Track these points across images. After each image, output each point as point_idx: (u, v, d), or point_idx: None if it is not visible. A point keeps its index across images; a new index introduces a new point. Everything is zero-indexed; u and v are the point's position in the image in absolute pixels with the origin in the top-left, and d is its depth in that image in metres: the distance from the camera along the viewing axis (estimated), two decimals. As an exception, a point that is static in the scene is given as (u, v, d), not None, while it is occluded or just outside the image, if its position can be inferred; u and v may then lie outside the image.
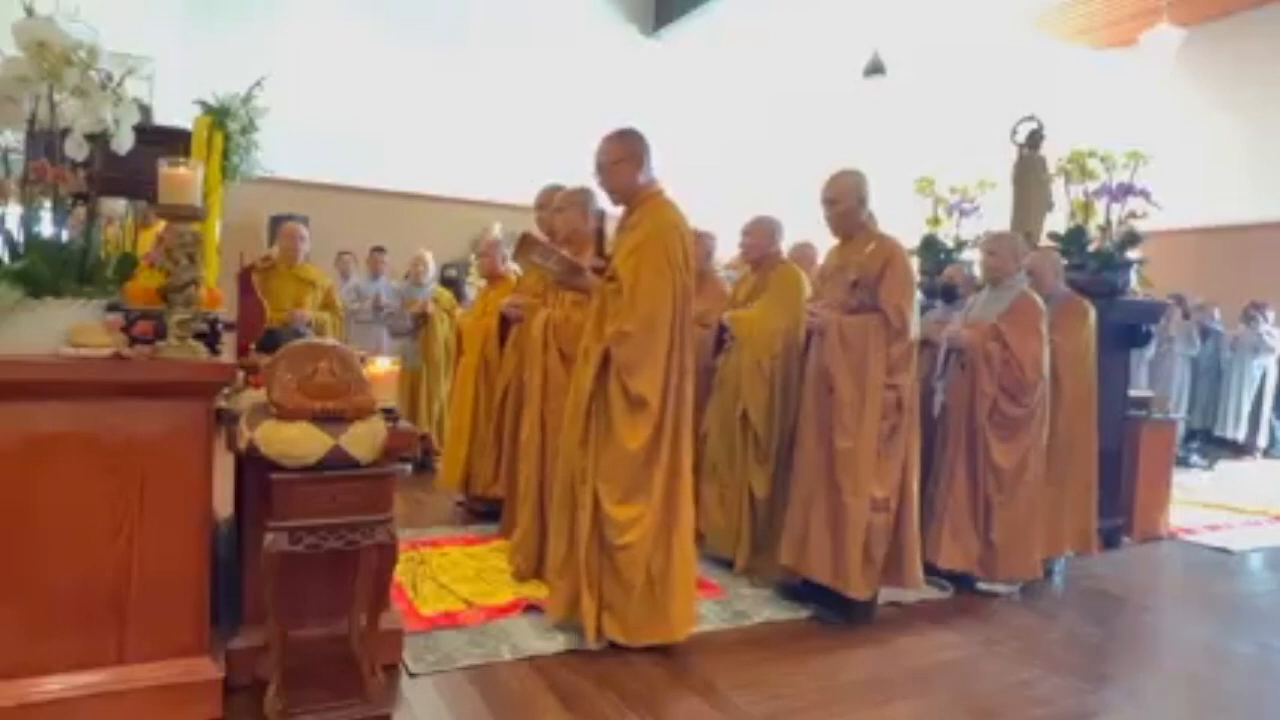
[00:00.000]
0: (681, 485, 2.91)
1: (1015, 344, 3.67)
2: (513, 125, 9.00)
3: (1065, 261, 4.49)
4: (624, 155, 2.98)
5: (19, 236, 2.09)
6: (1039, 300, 3.83)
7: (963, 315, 4.04)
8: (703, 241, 4.05)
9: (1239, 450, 8.99)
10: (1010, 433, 3.70)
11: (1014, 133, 4.85)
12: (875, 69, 9.35)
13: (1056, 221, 4.89)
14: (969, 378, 3.74)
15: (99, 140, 2.16)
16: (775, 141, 10.13)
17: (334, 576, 2.41)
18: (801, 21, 10.10)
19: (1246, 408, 9.06)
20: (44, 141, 2.11)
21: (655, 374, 2.82)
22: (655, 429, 2.83)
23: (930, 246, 5.42)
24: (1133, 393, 5.08)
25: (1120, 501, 4.79)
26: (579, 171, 4.16)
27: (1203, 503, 6.12)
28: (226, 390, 2.47)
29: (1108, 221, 4.75)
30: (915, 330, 3.30)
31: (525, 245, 3.10)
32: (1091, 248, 4.75)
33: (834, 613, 3.26)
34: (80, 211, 2.23)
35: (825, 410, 3.29)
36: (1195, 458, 8.09)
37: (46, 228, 2.13)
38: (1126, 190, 4.66)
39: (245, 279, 2.96)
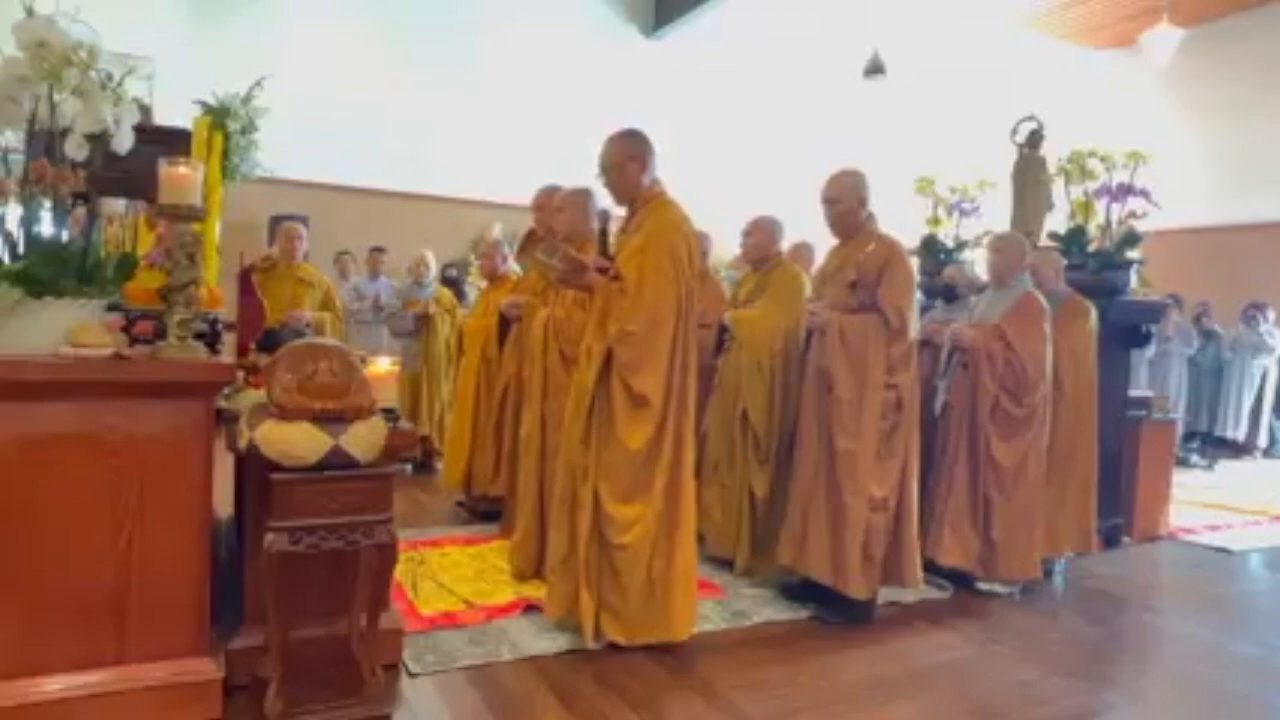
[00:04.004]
0: (683, 485, 2.91)
1: (1018, 343, 3.68)
2: (513, 125, 8.99)
3: (1065, 261, 4.49)
4: (630, 156, 2.99)
5: (19, 236, 2.09)
6: (1043, 300, 3.83)
7: (967, 315, 4.04)
8: (699, 241, 4.05)
9: (1239, 450, 9.00)
10: (1011, 432, 3.70)
11: (1014, 133, 4.85)
12: (875, 69, 9.34)
13: (1056, 221, 4.90)
14: (971, 377, 3.74)
15: (99, 140, 2.16)
16: (775, 142, 10.13)
17: (334, 576, 2.40)
18: (801, 22, 10.10)
19: (1247, 408, 9.06)
20: (44, 141, 2.11)
21: (658, 374, 2.83)
22: (657, 429, 2.83)
23: (930, 246, 5.42)
24: (1133, 393, 5.08)
25: (1120, 501, 4.79)
26: (579, 171, 4.17)
27: (1203, 503, 6.12)
28: (226, 390, 2.47)
29: (1107, 221, 4.75)
30: (915, 330, 3.31)
31: (529, 242, 3.10)
32: (1091, 248, 4.75)
33: (834, 613, 3.26)
34: (80, 211, 2.23)
35: (825, 410, 3.29)
36: (1195, 458, 8.09)
37: (46, 228, 2.13)
38: (1126, 190, 4.66)
39: (245, 279, 2.96)
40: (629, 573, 2.82)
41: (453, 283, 7.40)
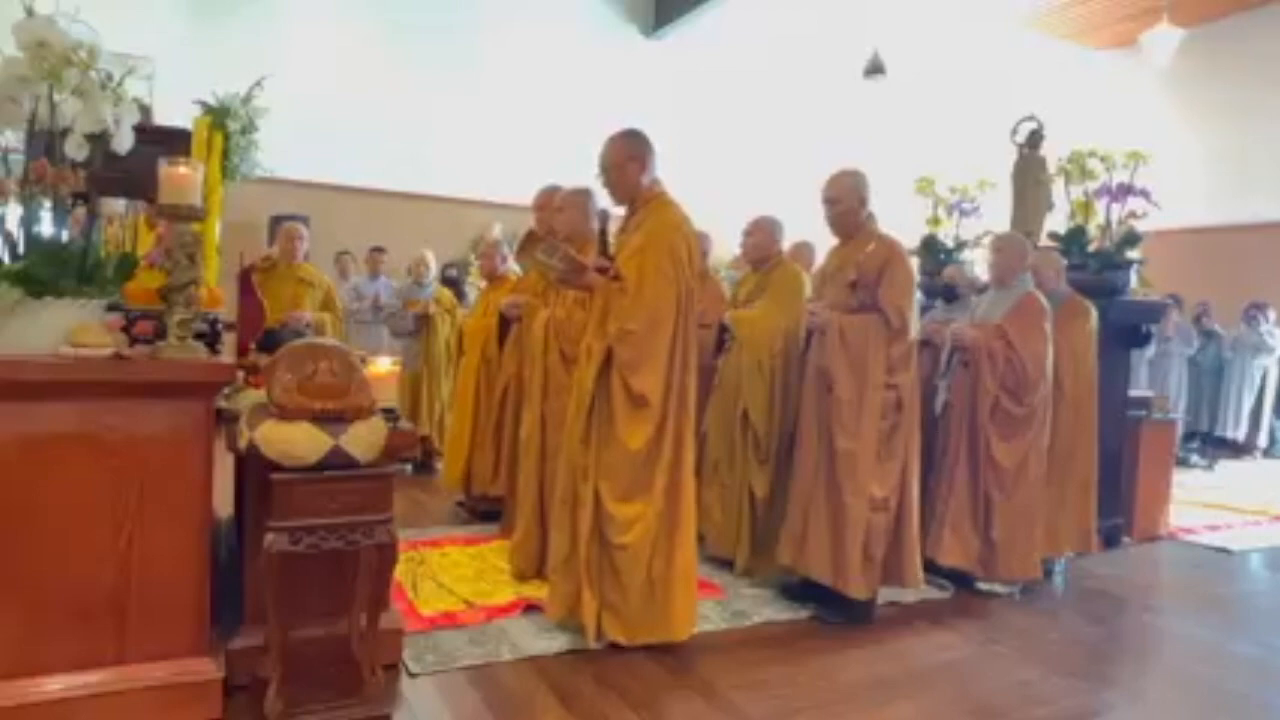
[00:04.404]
0: (683, 485, 2.91)
1: (1019, 343, 3.68)
2: (513, 125, 8.99)
3: (1065, 261, 4.49)
4: (629, 156, 2.99)
5: (19, 236, 2.09)
6: (1044, 300, 3.83)
7: (969, 315, 4.04)
8: (699, 241, 4.05)
9: (1239, 450, 9.00)
10: (1012, 431, 3.70)
11: (1014, 133, 4.85)
12: (875, 69, 9.35)
13: (1056, 221, 4.89)
14: (972, 376, 3.74)
15: (99, 140, 2.16)
16: (775, 142, 10.13)
17: (334, 576, 2.40)
18: (801, 21, 10.10)
19: (1247, 408, 9.06)
20: (44, 141, 2.11)
21: (657, 373, 2.83)
22: (657, 428, 2.84)
23: (930, 246, 5.42)
24: (1133, 393, 5.08)
25: (1120, 501, 4.79)
26: (579, 171, 4.17)
27: (1203, 503, 6.12)
28: (226, 390, 2.47)
29: (1107, 221, 4.75)
30: (915, 330, 3.31)
31: (529, 241, 3.11)
32: (1091, 248, 4.75)
33: (834, 613, 3.25)
34: (80, 211, 2.23)
35: (825, 410, 3.29)
36: (1195, 458, 8.08)
37: (46, 228, 2.13)
38: (1126, 190, 4.66)
39: (245, 279, 2.96)
40: (629, 572, 2.82)
41: (453, 283, 7.41)
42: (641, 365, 2.82)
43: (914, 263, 4.02)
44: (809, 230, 4.54)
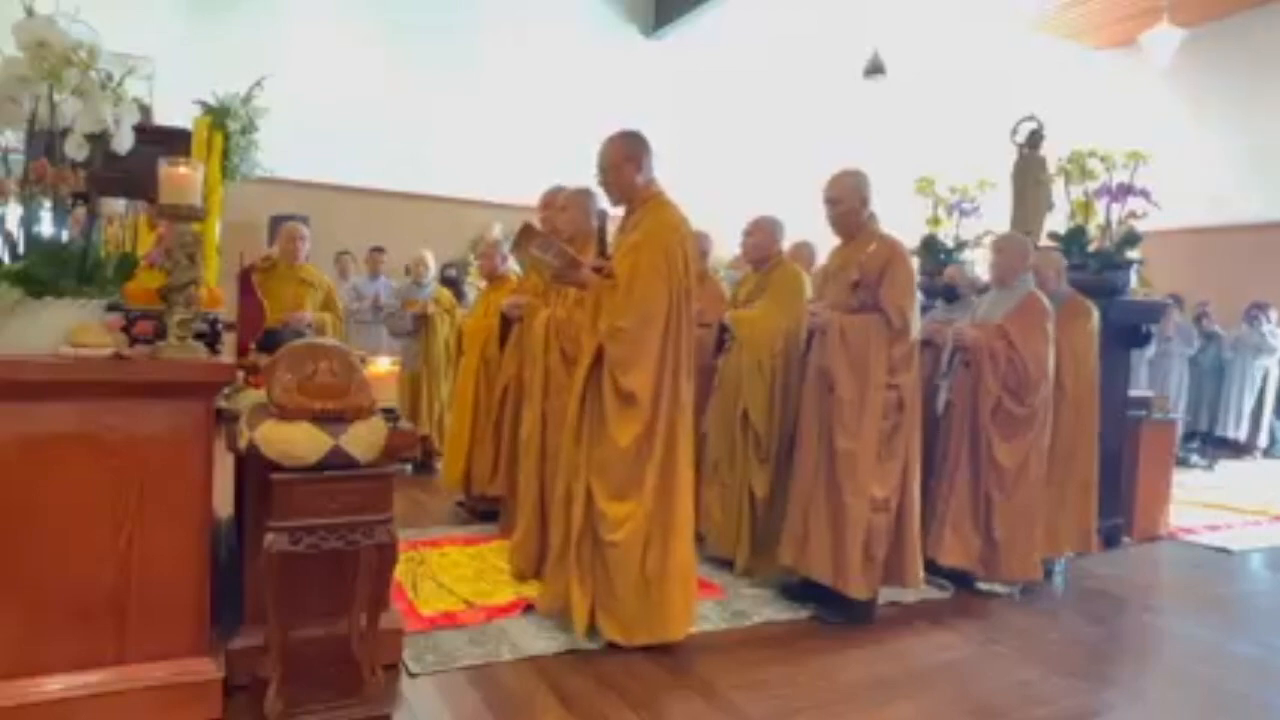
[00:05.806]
0: (677, 484, 2.91)
1: (1020, 343, 3.67)
2: (513, 125, 8.99)
3: (1065, 262, 4.49)
4: (626, 156, 2.99)
5: (19, 236, 2.09)
6: (1046, 301, 3.83)
7: (970, 315, 4.04)
8: (697, 241, 4.05)
9: (1239, 450, 8.99)
10: (1013, 432, 3.70)
11: (1014, 133, 4.85)
12: (875, 69, 9.34)
13: (1056, 221, 4.89)
14: (973, 376, 3.74)
15: (99, 140, 2.16)
16: (775, 142, 10.13)
17: (334, 576, 2.40)
18: (801, 21, 10.10)
19: (1248, 408, 9.05)
20: (44, 141, 2.11)
21: (647, 371, 2.83)
22: (646, 426, 2.83)
23: (930, 246, 5.42)
24: (1133, 393, 5.08)
25: (1120, 501, 4.79)
26: (579, 172, 4.17)
27: (1203, 503, 6.12)
28: (226, 390, 2.47)
29: (1107, 221, 4.75)
30: (916, 330, 3.31)
31: (524, 236, 3.11)
32: (1091, 248, 4.76)
33: (834, 613, 3.25)
34: (80, 211, 2.23)
35: (826, 410, 3.29)
36: (1195, 458, 8.08)
37: (46, 228, 2.13)
38: (1126, 190, 4.66)
39: (245, 279, 2.95)
40: (621, 570, 2.82)
41: (452, 283, 7.40)
42: (631, 363, 2.82)
43: (914, 263, 4.01)
44: (809, 230, 4.55)
